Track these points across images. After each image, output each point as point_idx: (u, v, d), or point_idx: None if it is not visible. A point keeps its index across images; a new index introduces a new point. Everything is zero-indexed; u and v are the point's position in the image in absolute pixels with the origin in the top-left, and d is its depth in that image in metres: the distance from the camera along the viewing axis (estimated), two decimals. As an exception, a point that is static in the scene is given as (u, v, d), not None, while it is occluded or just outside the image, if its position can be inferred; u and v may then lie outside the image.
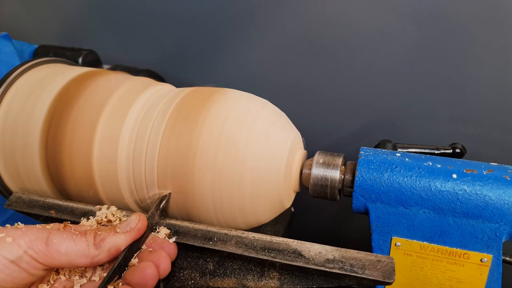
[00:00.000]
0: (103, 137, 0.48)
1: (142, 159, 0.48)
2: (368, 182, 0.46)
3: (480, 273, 0.46)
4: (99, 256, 0.38)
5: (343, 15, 0.70)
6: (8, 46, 0.67)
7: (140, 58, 0.87)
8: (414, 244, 0.46)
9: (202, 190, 0.46)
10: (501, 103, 0.68)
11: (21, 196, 0.52)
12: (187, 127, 0.47)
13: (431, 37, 0.67)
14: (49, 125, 0.50)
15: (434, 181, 0.44)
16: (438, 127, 0.74)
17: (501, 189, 0.43)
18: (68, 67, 0.60)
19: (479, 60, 0.66)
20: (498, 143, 0.71)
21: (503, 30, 0.63)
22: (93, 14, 0.87)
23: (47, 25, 0.92)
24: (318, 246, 0.43)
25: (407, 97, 0.74)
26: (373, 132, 0.78)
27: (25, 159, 0.52)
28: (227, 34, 0.79)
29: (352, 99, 0.77)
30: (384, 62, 0.72)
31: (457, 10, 0.64)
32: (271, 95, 0.55)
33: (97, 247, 0.38)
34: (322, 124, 0.81)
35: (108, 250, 0.38)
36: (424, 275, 0.48)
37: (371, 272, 0.40)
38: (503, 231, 0.43)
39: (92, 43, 0.83)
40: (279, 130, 0.48)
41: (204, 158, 0.45)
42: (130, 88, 0.52)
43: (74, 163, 0.49)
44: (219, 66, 0.84)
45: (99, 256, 0.38)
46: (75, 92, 0.52)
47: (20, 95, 0.53)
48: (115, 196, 0.50)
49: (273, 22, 0.75)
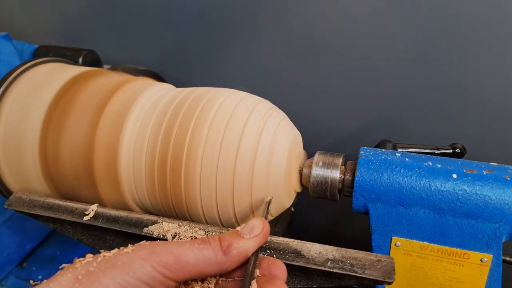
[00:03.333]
0: (103, 138, 0.48)
1: (142, 159, 0.48)
2: (368, 182, 0.46)
3: (480, 273, 0.46)
4: (228, 263, 0.36)
5: (343, 15, 0.70)
6: (8, 46, 0.67)
7: (140, 58, 0.87)
8: (414, 244, 0.46)
9: (202, 190, 0.46)
10: (501, 103, 0.68)
11: (21, 196, 0.52)
12: (186, 127, 0.47)
13: (431, 37, 0.67)
14: (48, 125, 0.50)
15: (434, 181, 0.44)
16: (438, 127, 0.74)
17: (501, 189, 0.43)
18: (68, 66, 0.60)
19: (479, 60, 0.66)
20: (498, 143, 0.71)
21: (503, 30, 0.63)
22: (93, 14, 0.87)
23: (47, 25, 0.92)
24: (318, 246, 0.43)
25: (407, 97, 0.74)
26: (373, 132, 0.78)
27: (25, 159, 0.52)
28: (227, 34, 0.79)
29: (352, 99, 0.77)
30: (384, 62, 0.72)
31: (457, 10, 0.63)
32: (271, 95, 0.55)
33: (225, 253, 0.35)
34: (322, 124, 0.81)
35: (237, 256, 0.36)
36: (424, 275, 0.48)
37: (371, 272, 0.40)
38: (503, 231, 0.43)
39: (92, 43, 0.83)
40: (279, 130, 0.48)
41: (203, 158, 0.45)
42: (130, 89, 0.52)
43: (74, 164, 0.49)
44: (219, 66, 0.84)
45: (228, 262, 0.36)
46: (75, 92, 0.52)
47: (20, 95, 0.53)
48: (115, 196, 0.50)
49: (272, 22, 0.75)
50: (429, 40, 0.67)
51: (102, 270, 0.32)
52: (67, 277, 0.32)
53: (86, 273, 0.32)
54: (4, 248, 0.69)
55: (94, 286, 0.31)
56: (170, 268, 0.33)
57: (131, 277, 0.32)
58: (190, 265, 0.34)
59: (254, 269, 0.37)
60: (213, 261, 0.35)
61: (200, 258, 0.35)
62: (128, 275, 0.32)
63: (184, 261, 0.34)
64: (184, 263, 0.34)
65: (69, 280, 0.31)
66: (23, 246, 0.73)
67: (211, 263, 0.35)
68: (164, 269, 0.33)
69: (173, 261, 0.34)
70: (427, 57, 0.69)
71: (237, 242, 0.36)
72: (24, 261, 0.74)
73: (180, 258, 0.34)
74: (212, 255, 0.35)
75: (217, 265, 0.35)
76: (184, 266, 0.34)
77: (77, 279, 0.31)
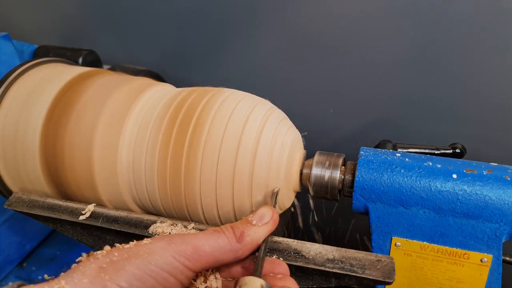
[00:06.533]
0: (103, 138, 0.48)
1: (142, 159, 0.48)
2: (368, 182, 0.46)
3: (480, 273, 0.46)
4: (242, 250, 0.37)
5: (343, 15, 0.70)
6: (8, 46, 0.67)
7: (140, 58, 0.87)
8: (414, 244, 0.46)
9: (202, 190, 0.46)
10: (501, 103, 0.68)
11: (21, 196, 0.52)
12: (186, 127, 0.47)
13: (431, 37, 0.67)
14: (49, 125, 0.50)
15: (434, 181, 0.44)
16: (438, 127, 0.74)
17: (501, 189, 0.43)
18: (68, 66, 0.60)
19: (480, 60, 0.66)
20: (498, 143, 0.71)
21: (503, 30, 0.63)
22: (93, 14, 0.87)
23: (47, 25, 0.92)
24: (318, 246, 0.43)
25: (407, 97, 0.74)
26: (373, 132, 0.78)
27: (25, 159, 0.52)
28: (227, 34, 0.79)
29: (352, 99, 0.77)
30: (384, 62, 0.72)
31: (457, 10, 0.63)
32: (271, 94, 0.55)
33: (238, 240, 0.37)
34: (322, 124, 0.81)
35: (250, 243, 0.37)
36: (424, 275, 0.48)
37: (371, 272, 0.40)
38: (503, 231, 0.43)
39: (92, 43, 0.83)
40: (279, 130, 0.48)
41: (203, 158, 0.45)
42: (130, 89, 0.52)
43: (74, 164, 0.49)
44: (219, 65, 0.84)
45: (242, 249, 0.37)
46: (75, 92, 0.52)
47: (20, 95, 0.53)
48: (115, 196, 0.50)
49: (272, 22, 0.75)
50: (429, 40, 0.67)
51: (125, 259, 0.33)
52: (90, 267, 0.32)
53: (110, 262, 0.32)
54: (4, 248, 0.69)
55: (120, 274, 0.32)
56: (189, 258, 0.34)
57: (154, 266, 0.33)
58: (207, 254, 0.35)
59: (264, 256, 0.38)
60: (228, 249, 0.36)
61: (215, 247, 0.36)
62: (151, 264, 0.33)
63: (201, 250, 0.35)
64: (201, 252, 0.35)
65: (93, 269, 0.31)
66: (23, 246, 0.73)
67: (226, 250, 0.36)
68: (184, 259, 0.34)
69: (191, 251, 0.35)
70: (427, 57, 0.69)
71: (249, 229, 0.38)
72: (24, 261, 0.74)
73: (197, 248, 0.35)
74: (226, 243, 0.36)
75: (232, 252, 0.36)
76: (201, 255, 0.35)
77: (102, 268, 0.32)
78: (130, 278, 0.32)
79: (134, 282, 0.32)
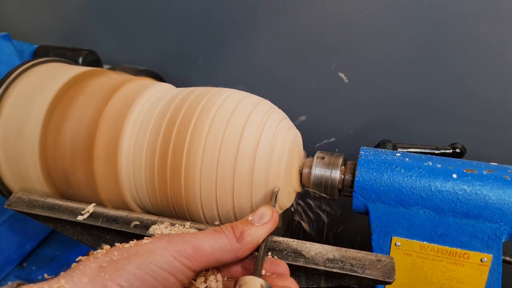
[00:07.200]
0: (103, 138, 0.48)
1: (143, 159, 0.48)
2: (368, 182, 0.46)
3: (480, 273, 0.46)
4: (242, 249, 0.37)
5: (343, 15, 0.70)
6: (8, 46, 0.67)
7: (140, 58, 0.87)
8: (414, 244, 0.46)
9: (202, 190, 0.46)
10: (501, 103, 0.68)
11: (21, 196, 0.52)
12: (186, 127, 0.47)
13: (431, 37, 0.67)
14: (49, 125, 0.50)
15: (434, 181, 0.44)
16: (438, 127, 0.74)
17: (501, 189, 0.43)
18: (68, 66, 0.60)
19: (479, 60, 0.66)
20: (498, 143, 0.71)
21: (503, 30, 0.63)
22: (93, 14, 0.87)
23: (47, 25, 0.92)
24: (318, 246, 0.43)
25: (407, 97, 0.74)
26: (373, 132, 0.78)
27: (25, 159, 0.52)
28: (227, 34, 0.79)
29: (352, 99, 0.77)
30: (384, 62, 0.72)
31: (457, 10, 0.64)
32: (271, 94, 0.55)
33: (238, 240, 0.37)
34: (322, 124, 0.81)
35: (250, 243, 0.37)
36: (424, 275, 0.48)
37: (371, 272, 0.40)
38: (503, 231, 0.43)
39: (92, 43, 0.83)
40: (279, 130, 0.48)
41: (203, 158, 0.45)
42: (130, 89, 0.52)
43: (74, 164, 0.49)
44: (219, 65, 0.84)
45: (242, 249, 0.37)
46: (75, 92, 0.52)
47: (20, 95, 0.53)
48: (115, 196, 0.50)
49: (272, 22, 0.75)
50: (429, 40, 0.67)
51: (125, 258, 0.33)
52: (90, 266, 0.32)
53: (110, 261, 0.32)
54: (4, 248, 0.69)
55: (120, 273, 0.31)
56: (189, 258, 0.34)
57: (154, 266, 0.33)
58: (207, 254, 0.35)
59: (264, 255, 0.38)
60: (228, 248, 0.36)
61: (215, 247, 0.36)
62: (151, 264, 0.33)
63: (201, 250, 0.35)
64: (202, 252, 0.35)
65: (93, 269, 0.31)
66: (23, 246, 0.73)
67: (226, 250, 0.36)
68: (184, 258, 0.34)
69: (191, 250, 0.35)
70: (427, 57, 0.69)
71: (249, 229, 0.38)
72: (24, 261, 0.74)
73: (198, 248, 0.35)
74: (227, 243, 0.36)
75: (232, 252, 0.36)
76: (201, 255, 0.35)
77: (102, 267, 0.32)
78: (130, 278, 0.32)
79: (134, 281, 0.32)
